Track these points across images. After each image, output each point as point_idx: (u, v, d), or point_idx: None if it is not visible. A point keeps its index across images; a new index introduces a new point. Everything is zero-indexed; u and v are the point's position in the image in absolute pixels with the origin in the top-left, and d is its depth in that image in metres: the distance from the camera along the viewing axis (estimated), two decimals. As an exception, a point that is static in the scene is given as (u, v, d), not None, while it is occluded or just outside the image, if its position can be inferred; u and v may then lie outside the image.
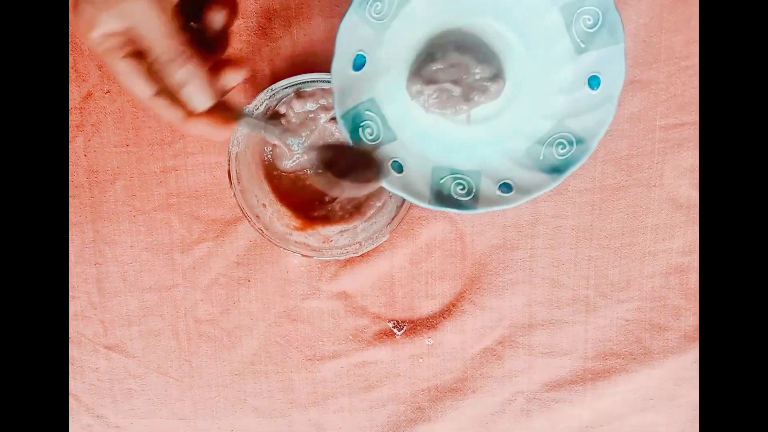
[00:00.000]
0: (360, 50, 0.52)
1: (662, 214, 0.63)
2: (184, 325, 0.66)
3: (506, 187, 0.54)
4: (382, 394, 0.67)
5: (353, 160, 0.50)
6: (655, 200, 0.63)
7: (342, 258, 0.61)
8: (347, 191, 0.49)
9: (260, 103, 0.57)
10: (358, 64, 0.52)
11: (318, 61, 0.61)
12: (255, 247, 0.64)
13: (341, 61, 0.51)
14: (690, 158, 0.62)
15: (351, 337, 0.66)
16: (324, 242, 0.61)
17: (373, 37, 0.52)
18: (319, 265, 0.65)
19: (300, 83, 0.57)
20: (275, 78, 0.60)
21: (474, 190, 0.54)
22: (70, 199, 0.64)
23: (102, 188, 0.64)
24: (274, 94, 0.57)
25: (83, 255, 0.65)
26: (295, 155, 0.61)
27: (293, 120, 0.60)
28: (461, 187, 0.54)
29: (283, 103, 0.59)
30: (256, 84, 0.61)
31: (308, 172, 0.61)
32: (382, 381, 0.67)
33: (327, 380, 0.67)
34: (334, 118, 0.60)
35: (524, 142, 0.55)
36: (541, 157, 0.54)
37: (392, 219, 0.59)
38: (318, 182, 0.48)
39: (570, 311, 0.65)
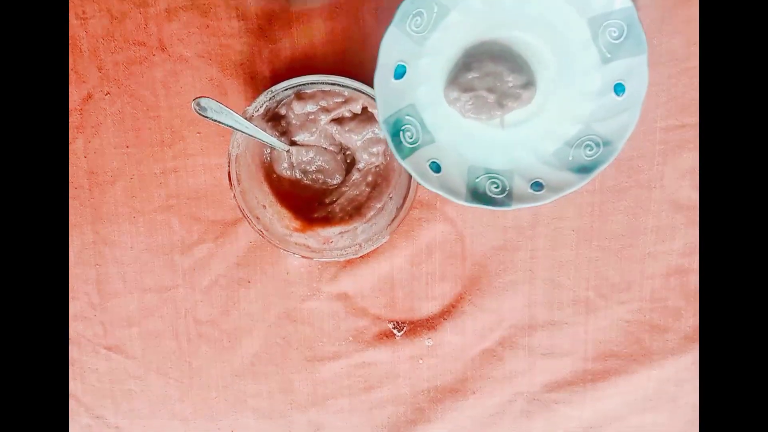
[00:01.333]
0: (401, 61, 0.56)
1: (662, 215, 0.63)
2: (184, 326, 0.66)
3: (538, 185, 0.58)
4: (382, 395, 0.67)
5: None
6: (655, 202, 0.63)
7: (342, 259, 0.61)
8: None
9: (260, 104, 0.57)
10: (399, 73, 0.56)
11: (318, 63, 0.61)
12: (255, 249, 0.64)
13: (383, 71, 0.55)
14: (690, 160, 0.62)
15: (351, 338, 0.66)
16: (324, 243, 0.61)
17: (413, 49, 0.56)
18: (319, 267, 0.65)
19: (300, 85, 0.57)
20: (275, 80, 0.60)
21: (507, 189, 0.58)
22: (70, 201, 0.64)
23: (102, 189, 0.64)
24: (274, 96, 0.57)
25: (83, 256, 0.65)
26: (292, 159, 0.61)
27: (293, 121, 0.60)
28: (495, 185, 0.58)
29: (283, 104, 0.59)
30: (256, 86, 0.61)
31: (306, 175, 0.61)
32: (382, 382, 0.67)
33: (327, 381, 0.67)
34: (334, 119, 0.60)
35: (554, 144, 0.59)
36: (570, 158, 0.58)
37: (392, 220, 0.59)
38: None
39: (570, 312, 0.65)
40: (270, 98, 0.57)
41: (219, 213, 0.64)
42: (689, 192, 0.63)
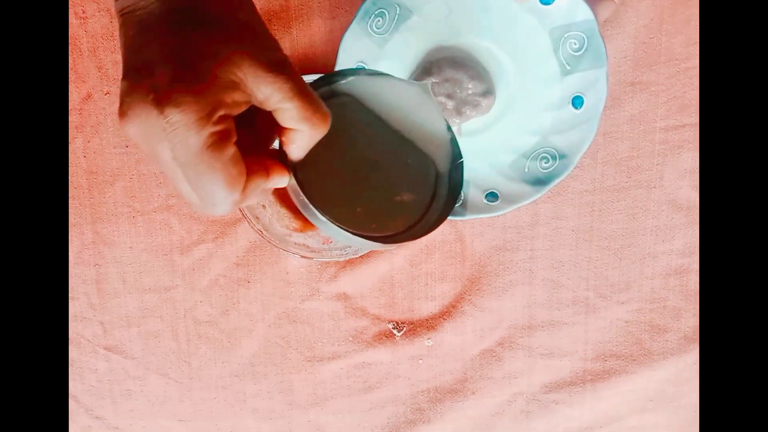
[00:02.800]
0: (361, 61, 0.56)
1: (662, 215, 0.63)
2: (183, 326, 0.66)
3: (492, 196, 0.58)
4: (382, 396, 0.67)
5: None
6: (655, 202, 0.63)
7: (342, 259, 0.61)
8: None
9: (260, 104, 0.57)
10: None
11: (317, 63, 0.61)
12: (254, 249, 0.64)
13: None
14: (690, 160, 0.62)
15: (351, 339, 0.66)
16: (324, 243, 0.60)
17: (373, 50, 0.56)
18: (319, 267, 0.65)
19: (300, 84, 0.57)
20: (275, 79, 0.60)
21: (462, 198, 0.58)
22: (70, 200, 0.63)
23: (101, 189, 0.64)
24: (273, 96, 0.57)
25: (83, 256, 0.65)
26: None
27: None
28: None
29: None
30: (256, 85, 0.61)
31: None
32: (382, 382, 0.67)
33: (326, 381, 0.67)
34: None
35: (510, 155, 0.58)
36: (526, 170, 0.58)
37: (392, 220, 0.59)
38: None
39: (570, 312, 0.65)
40: (270, 98, 0.57)
41: (218, 213, 0.64)
42: (689, 192, 0.63)
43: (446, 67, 0.56)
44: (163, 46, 0.34)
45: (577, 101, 0.56)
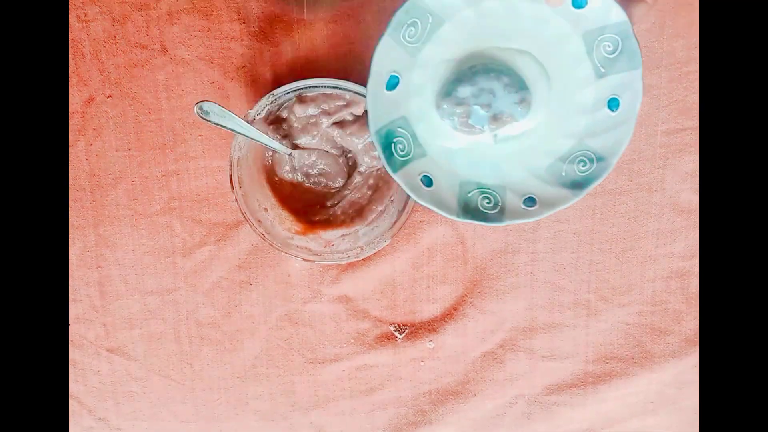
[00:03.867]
0: (394, 71, 0.55)
1: (663, 218, 0.63)
2: (185, 328, 0.66)
3: (530, 201, 0.56)
4: (384, 397, 0.67)
5: None
6: (656, 205, 0.63)
7: (343, 262, 0.61)
8: None
9: (262, 108, 0.57)
10: (392, 84, 0.55)
11: (319, 66, 0.61)
12: (256, 251, 0.65)
13: (376, 81, 0.54)
14: (691, 163, 0.62)
15: (352, 341, 0.66)
16: (325, 246, 0.61)
17: (406, 60, 0.55)
18: (321, 269, 0.65)
19: (302, 88, 0.57)
20: (277, 83, 0.60)
21: (500, 204, 0.57)
22: (72, 203, 0.64)
23: (104, 192, 0.64)
24: (275, 99, 0.57)
25: (85, 258, 0.65)
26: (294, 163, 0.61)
27: (295, 125, 0.60)
28: (487, 200, 0.57)
29: (285, 108, 0.60)
30: (258, 89, 0.61)
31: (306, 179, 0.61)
32: (384, 384, 0.67)
33: (328, 383, 0.67)
34: (336, 123, 0.60)
35: (547, 159, 0.57)
36: (563, 174, 0.57)
37: (394, 223, 0.59)
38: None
39: (571, 315, 0.65)
40: (272, 101, 0.57)
41: (220, 216, 0.64)
42: (690, 195, 0.63)
43: (480, 74, 0.56)
44: None
45: (612, 103, 0.55)
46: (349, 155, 0.61)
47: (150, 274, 0.65)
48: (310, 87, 0.57)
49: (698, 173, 0.62)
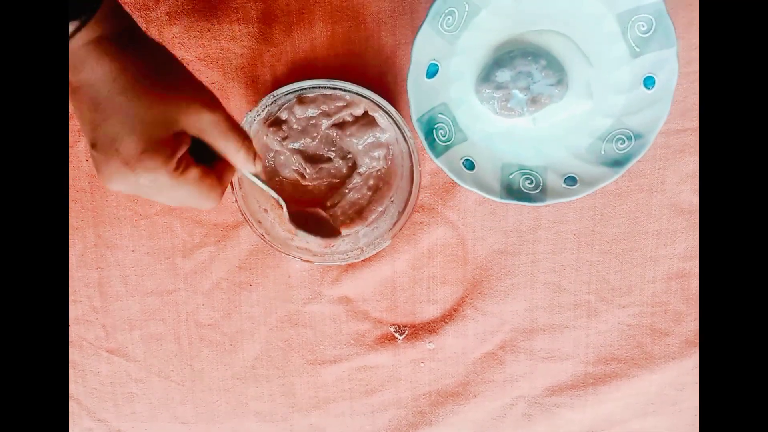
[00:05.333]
0: (433, 59, 0.57)
1: (663, 219, 0.63)
2: (185, 329, 0.66)
3: (571, 180, 0.59)
4: (384, 399, 0.67)
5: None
6: (656, 206, 0.63)
7: (344, 263, 0.61)
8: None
9: (262, 108, 0.57)
10: (432, 72, 0.57)
11: (319, 67, 0.61)
12: (256, 252, 0.65)
13: (416, 70, 0.56)
14: (691, 164, 0.62)
15: (352, 342, 0.66)
16: (325, 247, 0.61)
17: (445, 48, 0.57)
18: (321, 270, 0.65)
19: (302, 89, 0.57)
20: (277, 84, 0.60)
21: (541, 184, 0.59)
22: (72, 204, 0.64)
23: (104, 193, 0.64)
24: (275, 100, 0.57)
25: (85, 259, 0.65)
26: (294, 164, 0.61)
27: (295, 126, 0.60)
28: (529, 181, 0.59)
29: (285, 108, 0.59)
30: (258, 89, 0.61)
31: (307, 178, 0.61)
32: (384, 385, 0.67)
33: (328, 384, 0.67)
34: (335, 124, 0.60)
35: (586, 139, 0.59)
36: (603, 152, 0.59)
37: (394, 224, 0.59)
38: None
39: (571, 316, 0.65)
40: (272, 102, 0.57)
41: (220, 216, 0.64)
42: (690, 196, 0.63)
43: (517, 58, 0.57)
44: (122, 121, 0.41)
45: (648, 81, 0.57)
46: (348, 156, 0.61)
47: (150, 275, 0.65)
48: (309, 88, 0.57)
49: (698, 174, 0.62)
